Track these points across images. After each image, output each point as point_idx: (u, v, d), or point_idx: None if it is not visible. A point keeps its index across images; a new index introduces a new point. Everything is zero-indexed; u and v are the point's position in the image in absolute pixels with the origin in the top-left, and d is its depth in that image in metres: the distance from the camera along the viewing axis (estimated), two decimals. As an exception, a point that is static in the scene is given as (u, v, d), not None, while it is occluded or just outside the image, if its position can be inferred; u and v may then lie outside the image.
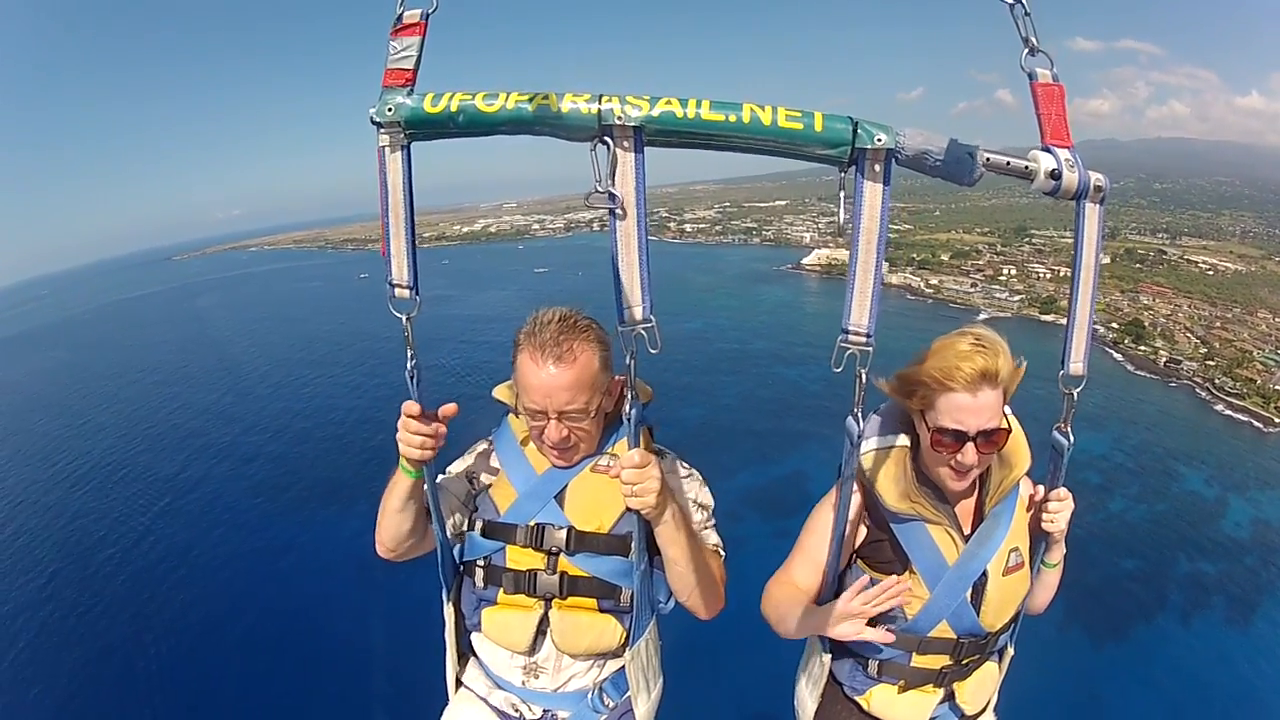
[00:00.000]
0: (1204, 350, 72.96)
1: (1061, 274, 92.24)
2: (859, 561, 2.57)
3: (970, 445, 2.27)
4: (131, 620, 36.60)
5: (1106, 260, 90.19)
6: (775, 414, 58.77)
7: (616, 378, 2.46)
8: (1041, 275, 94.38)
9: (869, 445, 2.49)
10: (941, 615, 2.45)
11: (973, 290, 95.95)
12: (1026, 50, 1.98)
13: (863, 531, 2.53)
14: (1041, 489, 2.47)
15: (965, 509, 2.53)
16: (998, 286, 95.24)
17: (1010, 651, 2.75)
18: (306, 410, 66.08)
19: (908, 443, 2.48)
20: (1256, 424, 60.97)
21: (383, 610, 29.97)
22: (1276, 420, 60.69)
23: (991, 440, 2.28)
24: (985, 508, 2.49)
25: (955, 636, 2.49)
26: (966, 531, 2.48)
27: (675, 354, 71.69)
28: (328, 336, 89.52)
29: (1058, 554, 2.56)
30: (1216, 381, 67.41)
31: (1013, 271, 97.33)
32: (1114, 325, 78.63)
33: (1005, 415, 2.33)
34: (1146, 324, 78.70)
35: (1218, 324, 77.07)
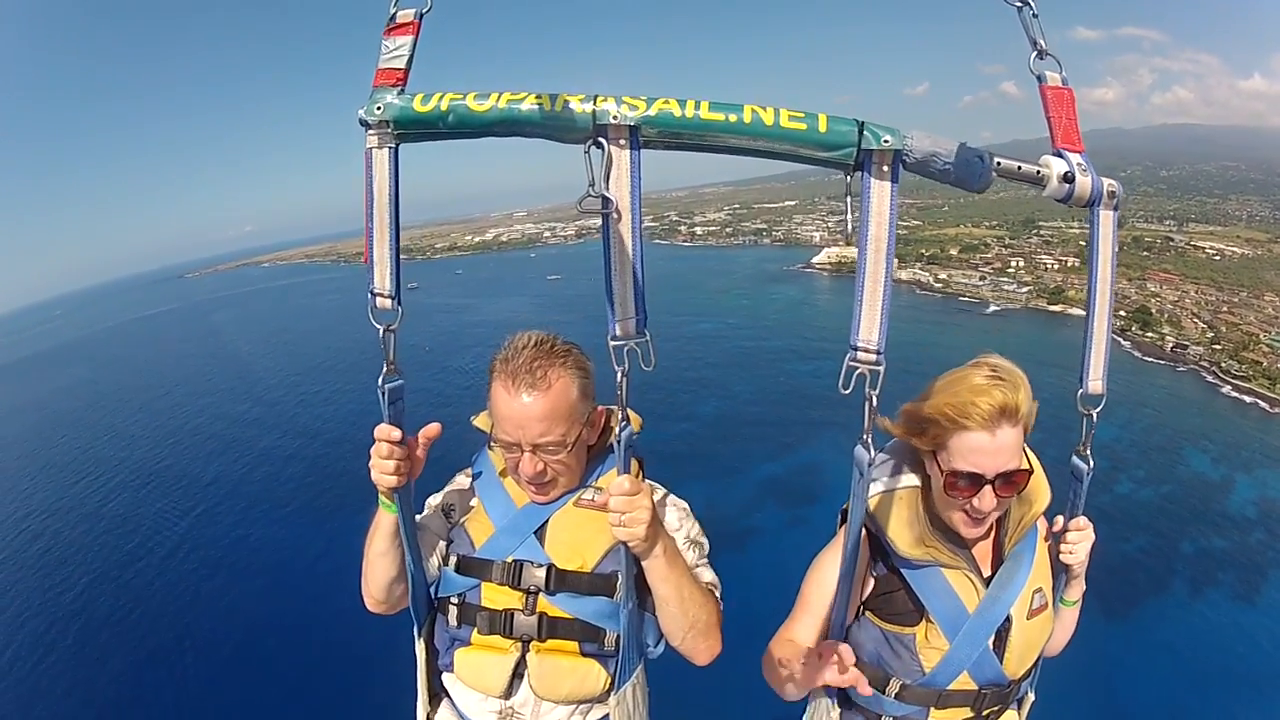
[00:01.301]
0: (1210, 335, 73.51)
1: (1069, 264, 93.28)
2: (868, 614, 2.38)
3: (988, 489, 2.09)
4: (171, 626, 38.03)
5: None
6: (789, 407, 59.44)
7: (600, 408, 2.38)
8: (1049, 266, 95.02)
9: (876, 488, 2.33)
10: (963, 666, 2.28)
11: (981, 283, 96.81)
12: (1035, 53, 1.96)
13: (870, 582, 2.36)
14: (1059, 520, 2.33)
15: (983, 550, 2.35)
16: (1006, 279, 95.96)
17: (1031, 698, 2.58)
18: (338, 417, 66.94)
19: (919, 482, 2.31)
20: (1263, 404, 61.66)
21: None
22: (1282, 400, 61.12)
23: (1011, 483, 2.11)
24: (1005, 548, 2.32)
25: (977, 688, 2.32)
26: (986, 574, 2.32)
27: (690, 352, 73.70)
28: (348, 347, 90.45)
29: (1077, 591, 2.43)
30: (1223, 365, 67.99)
31: (1021, 264, 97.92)
32: (1121, 313, 78.80)
33: (1025, 453, 2.15)
34: (1154, 310, 79.21)
35: (1224, 308, 77.48)
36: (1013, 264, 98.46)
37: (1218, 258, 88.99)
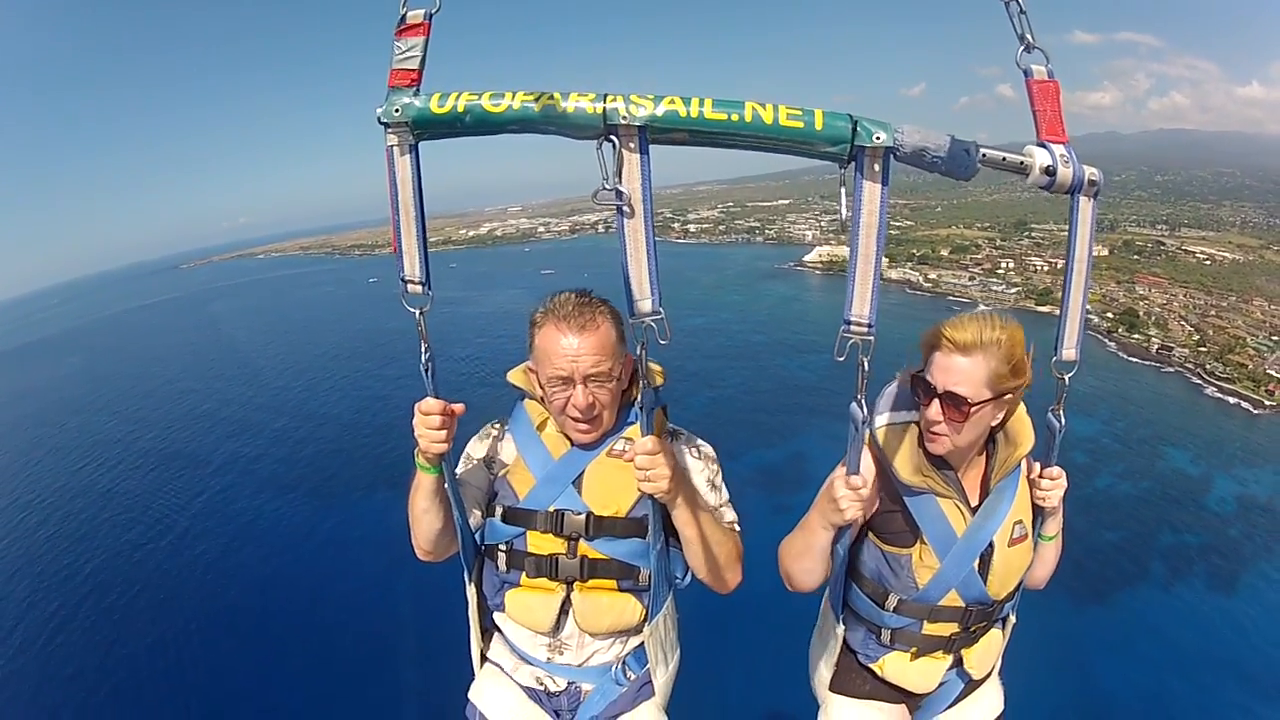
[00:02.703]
0: (1196, 337, 73.77)
1: (1059, 266, 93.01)
2: (870, 535, 2.65)
3: (935, 402, 2.35)
4: (184, 609, 38.01)
5: (1105, 252, 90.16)
6: (777, 401, 60.06)
7: (629, 356, 2.53)
8: (1039, 268, 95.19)
9: (881, 420, 2.57)
10: (951, 584, 2.56)
11: (970, 283, 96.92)
12: (1022, 47, 2.06)
13: (875, 504, 2.54)
14: (1035, 466, 2.61)
15: (972, 484, 2.61)
16: (995, 280, 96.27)
17: (1012, 620, 2.88)
18: (342, 402, 67.54)
19: (918, 419, 2.53)
20: (1246, 405, 62.08)
21: (408, 589, 30.36)
22: (1267, 402, 61.86)
23: (957, 407, 2.33)
24: (991, 483, 2.58)
25: (964, 605, 2.60)
26: (974, 505, 2.57)
27: (679, 347, 72.73)
28: (348, 336, 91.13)
29: (1054, 526, 2.68)
30: (1207, 367, 68.38)
31: (1011, 265, 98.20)
32: (1109, 315, 79.41)
33: (989, 395, 2.35)
34: (1141, 313, 79.42)
35: (1212, 312, 77.69)
36: (1003, 265, 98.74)
37: (1208, 262, 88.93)
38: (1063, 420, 2.43)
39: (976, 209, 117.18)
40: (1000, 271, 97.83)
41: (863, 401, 2.09)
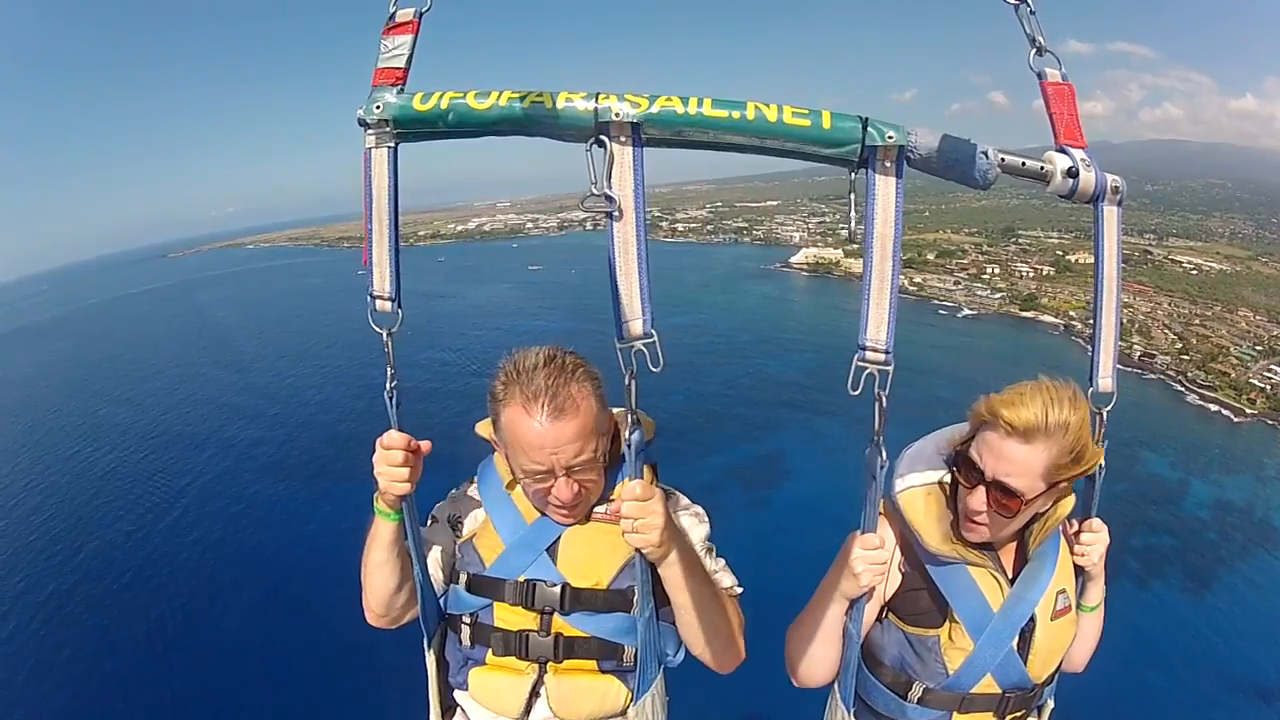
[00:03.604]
0: (1179, 345, 74.34)
1: (1044, 272, 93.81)
2: (890, 616, 2.34)
3: (981, 489, 2.08)
4: (189, 592, 38.50)
5: (1090, 260, 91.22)
6: (757, 399, 60.22)
7: (611, 414, 2.29)
8: (1024, 274, 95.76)
9: (908, 482, 2.30)
10: (987, 668, 2.24)
11: (955, 288, 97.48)
12: (1034, 50, 1.93)
13: (896, 579, 2.30)
14: (1074, 521, 2.32)
15: (1008, 551, 2.34)
16: (980, 285, 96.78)
17: (1050, 705, 2.53)
18: (338, 392, 67.59)
19: (948, 479, 2.27)
20: (1227, 413, 62.72)
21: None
22: (1248, 410, 62.51)
23: (1008, 500, 2.06)
24: (1029, 548, 2.29)
25: (1001, 691, 2.28)
26: (1010, 575, 2.29)
27: (665, 344, 74.17)
28: (334, 329, 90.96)
29: (1096, 594, 2.40)
30: (1189, 374, 68.94)
31: (996, 270, 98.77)
32: (1090, 321, 79.57)
33: (1044, 486, 2.07)
34: (1125, 320, 79.32)
35: (1197, 321, 78.38)
36: (988, 270, 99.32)
37: (1194, 272, 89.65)
38: (1103, 464, 2.15)
39: (964, 214, 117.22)
40: (985, 276, 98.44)
41: (881, 444, 1.83)
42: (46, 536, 46.16)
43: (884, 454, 1.85)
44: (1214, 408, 63.93)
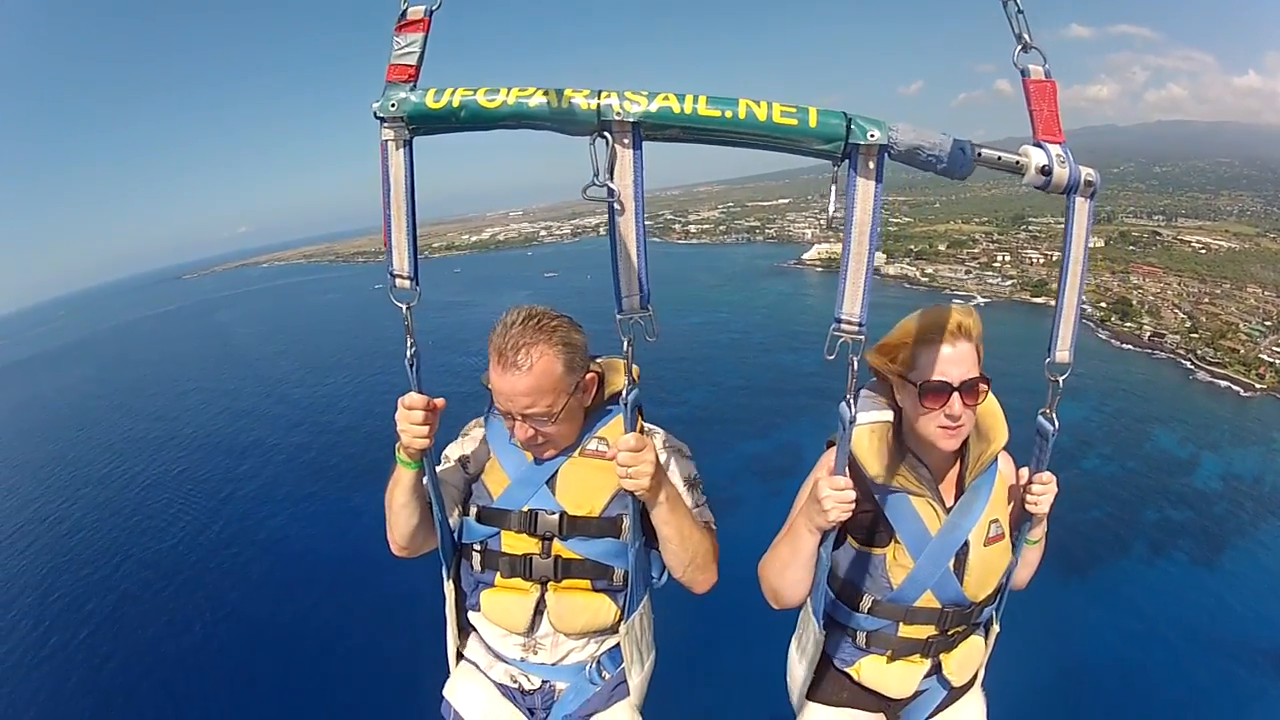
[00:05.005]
0: (1189, 324, 74.45)
1: (1054, 258, 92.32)
2: (844, 537, 2.56)
3: (956, 396, 2.29)
4: (207, 601, 39.09)
5: (1100, 244, 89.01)
6: (773, 394, 60.83)
7: (591, 374, 2.49)
8: (1035, 261, 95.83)
9: (857, 422, 2.35)
10: (926, 584, 2.50)
11: (967, 277, 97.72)
12: (1019, 47, 2.02)
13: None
14: (1025, 471, 2.49)
15: (946, 483, 2.56)
16: (991, 273, 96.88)
17: (996, 628, 2.79)
18: (352, 407, 68.19)
19: (890, 418, 2.51)
20: (1236, 389, 62.90)
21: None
22: (1257, 385, 62.65)
23: (974, 391, 2.32)
24: (965, 481, 2.53)
25: (940, 606, 2.53)
26: (949, 504, 2.51)
27: (678, 345, 74.65)
28: (364, 341, 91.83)
29: (1039, 531, 2.59)
30: (1199, 352, 69.14)
31: (1007, 258, 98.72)
32: (1101, 305, 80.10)
33: (982, 374, 2.35)
34: (1134, 302, 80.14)
35: (1206, 300, 78.24)
36: (999, 258, 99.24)
37: (1203, 251, 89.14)
38: (1055, 423, 2.35)
39: (974, 204, 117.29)
40: (996, 265, 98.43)
41: (852, 401, 2.05)
42: (92, 549, 46.82)
43: (854, 409, 2.06)
44: (1223, 384, 64.01)
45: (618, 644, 2.68)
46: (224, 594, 39.82)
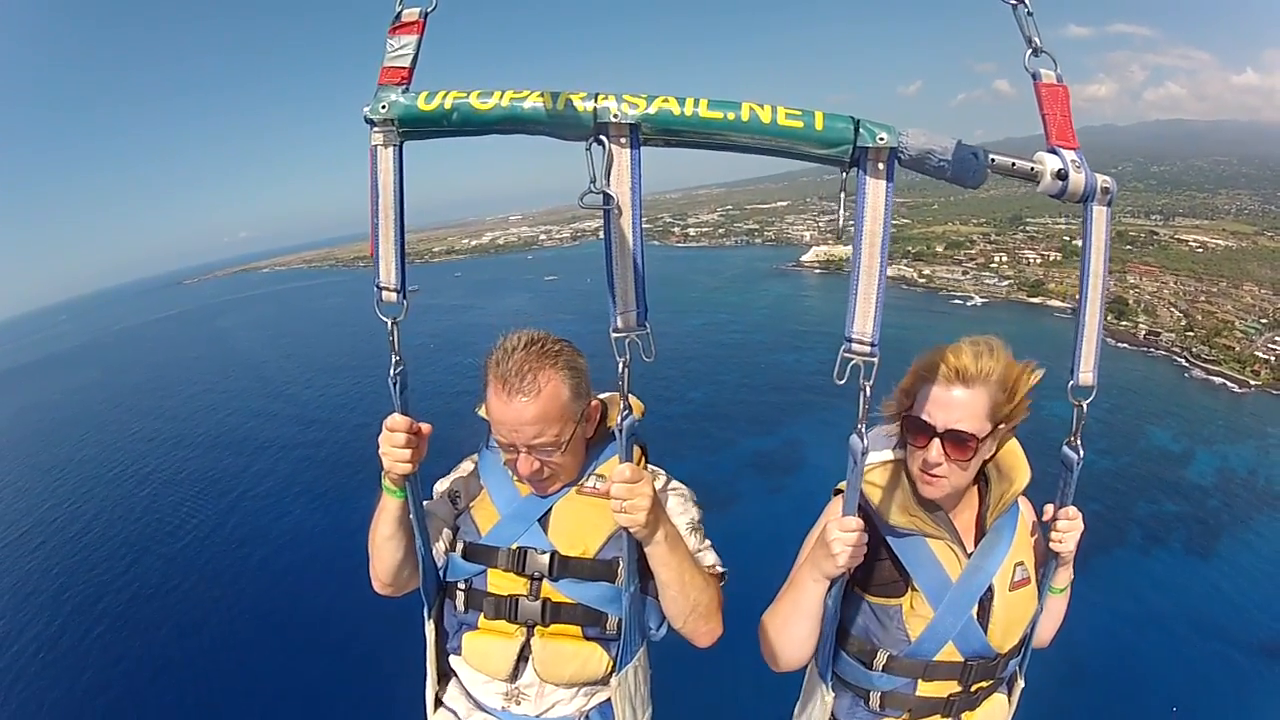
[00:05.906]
0: (1184, 322, 75.08)
1: (1051, 258, 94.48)
2: (855, 589, 2.33)
3: (935, 442, 2.11)
4: (218, 601, 39.75)
5: None
6: (773, 392, 61.44)
7: (595, 401, 2.37)
8: (1032, 261, 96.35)
9: (866, 460, 2.10)
10: (948, 635, 2.27)
11: (964, 277, 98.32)
12: (1030, 50, 1.93)
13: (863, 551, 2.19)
14: (1050, 507, 2.28)
15: (965, 524, 2.35)
16: (988, 273, 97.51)
17: (1020, 683, 2.55)
18: (362, 407, 67.73)
19: (904, 456, 2.31)
20: (1231, 385, 63.61)
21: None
22: (1251, 382, 63.32)
23: (961, 445, 2.10)
24: (986, 522, 2.32)
25: (963, 659, 2.30)
26: (969, 548, 2.31)
27: (682, 345, 75.54)
28: (361, 346, 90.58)
29: (1065, 577, 2.38)
30: (1194, 350, 69.82)
31: (1004, 258, 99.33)
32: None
33: (989, 425, 2.13)
34: (1130, 301, 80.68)
35: (1202, 298, 78.86)
36: (996, 259, 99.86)
37: (1200, 250, 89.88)
38: (1081, 452, 2.17)
39: (972, 205, 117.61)
40: (993, 265, 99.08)
41: (864, 432, 1.90)
42: (104, 549, 47.31)
43: (865, 441, 1.90)
44: (1218, 381, 64.72)
45: (609, 698, 2.47)
46: (237, 594, 40.31)
